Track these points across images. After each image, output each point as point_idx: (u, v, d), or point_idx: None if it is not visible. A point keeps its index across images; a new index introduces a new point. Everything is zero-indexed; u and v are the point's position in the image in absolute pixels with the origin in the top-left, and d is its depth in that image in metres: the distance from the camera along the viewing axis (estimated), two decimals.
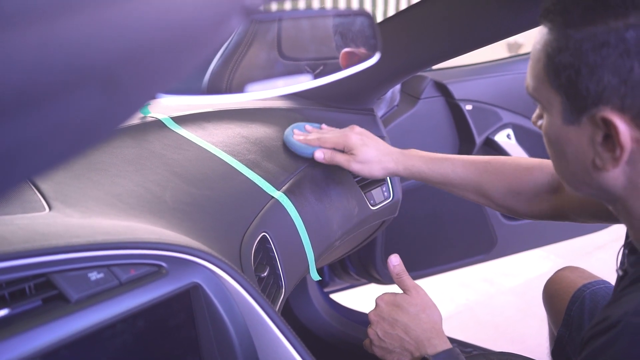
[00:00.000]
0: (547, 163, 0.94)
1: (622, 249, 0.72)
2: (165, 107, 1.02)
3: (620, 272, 0.71)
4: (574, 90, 0.58)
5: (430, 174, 0.98)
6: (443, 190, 1.62)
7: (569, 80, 0.58)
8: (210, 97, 0.78)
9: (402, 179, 1.31)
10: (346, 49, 0.76)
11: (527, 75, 0.66)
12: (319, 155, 0.98)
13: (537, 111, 0.71)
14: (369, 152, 0.97)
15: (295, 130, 1.03)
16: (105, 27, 0.15)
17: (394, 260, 0.87)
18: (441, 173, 0.97)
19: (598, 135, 0.58)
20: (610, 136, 0.57)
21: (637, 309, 0.56)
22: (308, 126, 1.06)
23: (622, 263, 0.71)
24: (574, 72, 0.57)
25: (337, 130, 1.03)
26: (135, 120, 0.95)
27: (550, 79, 0.60)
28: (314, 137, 1.00)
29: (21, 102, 0.14)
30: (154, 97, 0.23)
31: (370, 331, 0.84)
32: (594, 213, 0.87)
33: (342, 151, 0.99)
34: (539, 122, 0.70)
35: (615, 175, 0.59)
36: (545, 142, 0.67)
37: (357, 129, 1.00)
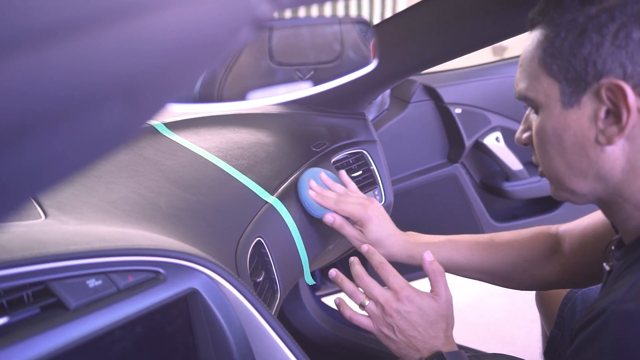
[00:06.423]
0: (547, 227, 0.96)
1: (610, 245, 0.73)
2: None
3: (607, 267, 0.72)
4: (573, 71, 0.60)
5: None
6: (432, 193, 1.64)
7: (569, 63, 0.60)
8: (201, 105, 0.76)
9: (394, 181, 1.31)
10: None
11: (518, 80, 0.67)
12: (329, 219, 0.95)
13: (522, 126, 0.72)
14: (380, 233, 0.94)
15: (312, 185, 0.98)
16: (130, 42, 0.16)
17: (427, 256, 0.82)
18: (447, 257, 0.97)
19: (601, 111, 0.59)
20: (611, 112, 0.59)
21: (623, 296, 0.57)
22: (323, 174, 1.01)
23: (609, 258, 0.72)
24: (575, 52, 0.59)
25: (356, 196, 0.99)
26: None
27: (547, 69, 0.62)
28: (332, 201, 0.96)
29: (56, 115, 0.14)
30: (165, 107, 0.24)
31: (377, 309, 0.79)
32: (592, 256, 0.86)
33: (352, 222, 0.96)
34: (524, 136, 0.71)
35: (615, 155, 0.60)
36: (537, 143, 0.67)
37: (376, 204, 0.97)
